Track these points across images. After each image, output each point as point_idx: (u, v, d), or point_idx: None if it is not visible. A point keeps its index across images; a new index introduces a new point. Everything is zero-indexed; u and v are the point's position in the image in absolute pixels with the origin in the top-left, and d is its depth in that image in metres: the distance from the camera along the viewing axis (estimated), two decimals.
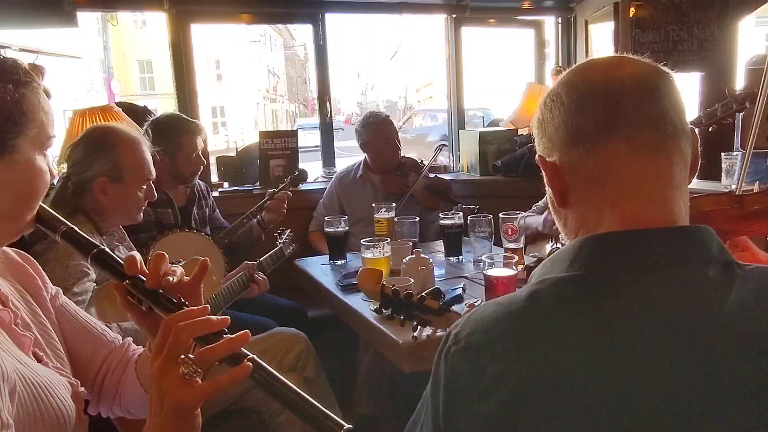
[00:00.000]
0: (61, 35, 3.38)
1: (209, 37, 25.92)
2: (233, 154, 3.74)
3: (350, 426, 0.76)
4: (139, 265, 0.88)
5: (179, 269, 0.91)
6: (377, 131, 3.06)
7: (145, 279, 0.88)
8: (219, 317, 0.82)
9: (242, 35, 30.39)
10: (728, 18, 3.23)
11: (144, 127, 2.49)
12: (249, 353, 0.80)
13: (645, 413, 0.64)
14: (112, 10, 3.73)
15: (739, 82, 3.35)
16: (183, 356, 0.77)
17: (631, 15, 3.27)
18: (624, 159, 0.74)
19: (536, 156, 0.83)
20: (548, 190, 0.83)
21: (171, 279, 0.89)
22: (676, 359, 0.65)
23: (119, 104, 3.09)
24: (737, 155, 2.76)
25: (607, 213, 0.76)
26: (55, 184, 1.86)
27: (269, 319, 2.34)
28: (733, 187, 2.48)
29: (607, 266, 0.72)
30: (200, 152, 2.54)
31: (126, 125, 1.91)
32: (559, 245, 1.95)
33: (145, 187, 1.80)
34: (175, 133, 2.44)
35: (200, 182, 2.73)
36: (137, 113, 3.03)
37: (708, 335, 0.66)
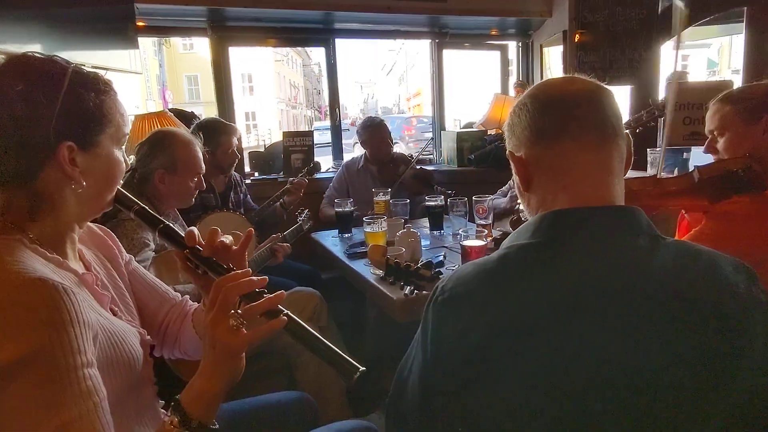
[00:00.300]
0: (125, 55, 3.32)
1: (243, 57, 25.70)
2: (262, 149, 3.69)
3: (364, 368, 0.75)
4: (197, 238, 0.88)
5: (229, 238, 0.91)
6: (373, 132, 3.03)
7: (201, 249, 0.87)
8: (259, 277, 0.81)
9: (269, 56, 30.07)
10: (652, 42, 3.19)
11: (191, 129, 2.45)
12: (284, 309, 0.79)
13: (588, 347, 0.66)
14: (165, 35, 3.65)
15: (661, 93, 3.32)
16: (232, 311, 0.77)
17: (576, 40, 3.22)
18: (574, 153, 0.76)
19: (507, 152, 0.84)
20: (515, 177, 0.83)
21: (226, 241, 0.89)
22: (613, 308, 0.67)
23: (171, 110, 3.04)
24: (659, 150, 2.74)
25: (561, 194, 0.76)
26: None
27: (291, 281, 2.33)
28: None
29: (562, 235, 0.73)
30: (235, 148, 2.50)
31: (184, 129, 1.89)
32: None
33: (196, 179, 1.78)
34: (216, 133, 2.41)
35: (235, 173, 2.70)
36: (185, 117, 2.99)
37: (637, 291, 0.68)
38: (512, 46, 4.07)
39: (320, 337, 0.78)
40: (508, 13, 3.42)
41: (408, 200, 2.52)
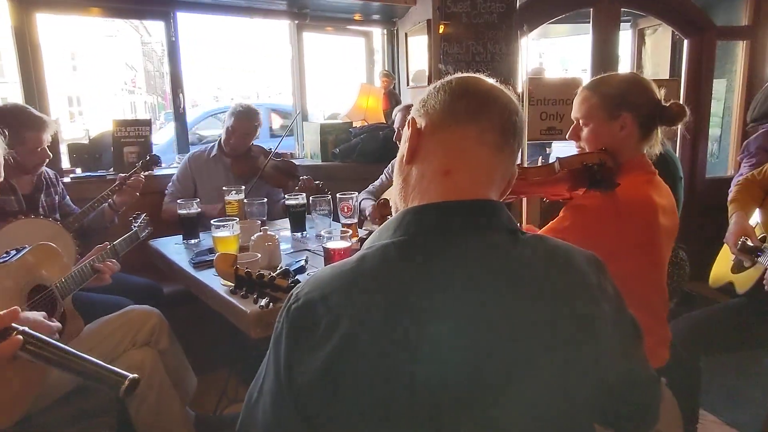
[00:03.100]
0: None
1: (64, 30, 23.05)
2: (86, 141, 3.30)
3: (135, 375, 0.69)
4: None
5: None
6: (243, 119, 2.86)
7: None
8: None
9: (98, 30, 27.29)
10: (512, 36, 3.48)
11: None
12: (20, 328, 0.70)
13: (448, 345, 0.68)
14: None
15: (520, 88, 3.63)
16: None
17: (440, 31, 3.38)
18: (472, 143, 0.80)
19: (409, 117, 0.86)
20: (403, 147, 0.85)
21: None
22: (475, 304, 0.70)
23: None
24: None
25: (440, 179, 0.79)
26: None
27: (124, 298, 2.10)
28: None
29: (423, 232, 0.75)
30: (46, 147, 2.17)
31: None
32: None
33: None
34: (19, 126, 2.06)
35: (48, 170, 2.36)
36: None
37: (499, 284, 0.73)
38: (377, 33, 4.16)
39: (73, 351, 0.70)
40: None
41: (265, 199, 2.43)
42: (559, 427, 0.74)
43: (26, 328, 0.70)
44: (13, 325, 0.70)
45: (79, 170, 3.09)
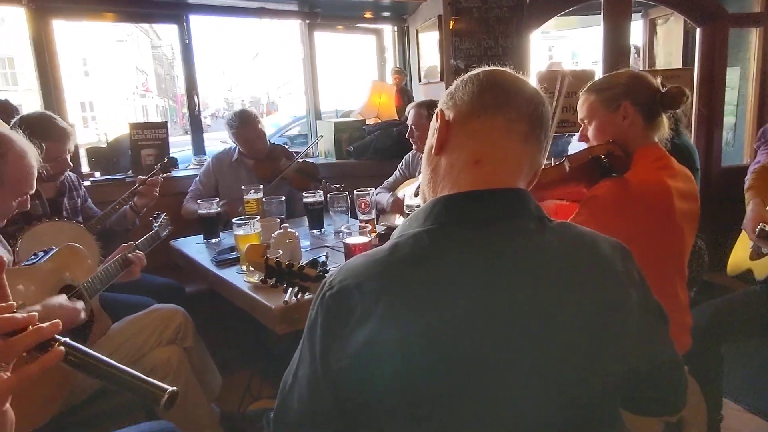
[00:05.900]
0: None
1: (76, 36, 23.29)
2: (104, 145, 3.34)
3: (174, 388, 0.70)
4: None
5: None
6: (242, 130, 2.86)
7: None
8: (26, 314, 0.69)
9: (108, 35, 27.55)
10: (522, 30, 3.47)
11: (10, 125, 2.10)
12: (62, 338, 0.69)
13: (479, 332, 0.69)
14: None
15: (531, 82, 3.61)
16: None
17: (451, 27, 3.38)
18: (499, 133, 0.81)
19: (437, 109, 0.88)
20: (432, 138, 0.87)
21: None
22: (506, 288, 0.72)
23: None
24: None
25: (470, 169, 0.81)
26: None
27: (148, 298, 2.13)
28: None
29: (454, 220, 0.76)
30: (67, 157, 2.20)
31: (19, 134, 1.59)
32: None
33: (20, 198, 1.54)
34: (42, 137, 2.09)
35: (71, 174, 2.40)
36: (6, 112, 2.55)
37: (528, 270, 0.74)
38: (388, 30, 4.17)
39: (113, 362, 0.70)
40: None
41: (283, 197, 2.46)
42: (587, 412, 0.76)
43: (68, 339, 0.69)
44: (56, 336, 0.70)
45: (98, 174, 3.14)
